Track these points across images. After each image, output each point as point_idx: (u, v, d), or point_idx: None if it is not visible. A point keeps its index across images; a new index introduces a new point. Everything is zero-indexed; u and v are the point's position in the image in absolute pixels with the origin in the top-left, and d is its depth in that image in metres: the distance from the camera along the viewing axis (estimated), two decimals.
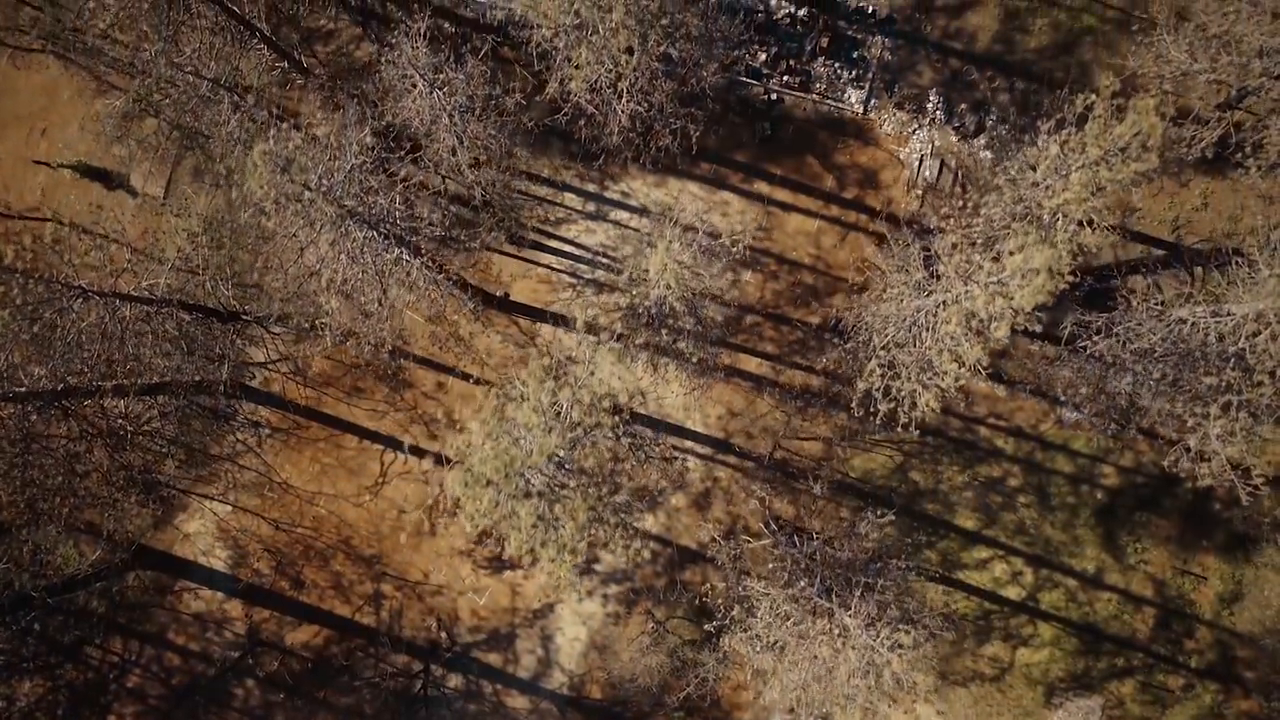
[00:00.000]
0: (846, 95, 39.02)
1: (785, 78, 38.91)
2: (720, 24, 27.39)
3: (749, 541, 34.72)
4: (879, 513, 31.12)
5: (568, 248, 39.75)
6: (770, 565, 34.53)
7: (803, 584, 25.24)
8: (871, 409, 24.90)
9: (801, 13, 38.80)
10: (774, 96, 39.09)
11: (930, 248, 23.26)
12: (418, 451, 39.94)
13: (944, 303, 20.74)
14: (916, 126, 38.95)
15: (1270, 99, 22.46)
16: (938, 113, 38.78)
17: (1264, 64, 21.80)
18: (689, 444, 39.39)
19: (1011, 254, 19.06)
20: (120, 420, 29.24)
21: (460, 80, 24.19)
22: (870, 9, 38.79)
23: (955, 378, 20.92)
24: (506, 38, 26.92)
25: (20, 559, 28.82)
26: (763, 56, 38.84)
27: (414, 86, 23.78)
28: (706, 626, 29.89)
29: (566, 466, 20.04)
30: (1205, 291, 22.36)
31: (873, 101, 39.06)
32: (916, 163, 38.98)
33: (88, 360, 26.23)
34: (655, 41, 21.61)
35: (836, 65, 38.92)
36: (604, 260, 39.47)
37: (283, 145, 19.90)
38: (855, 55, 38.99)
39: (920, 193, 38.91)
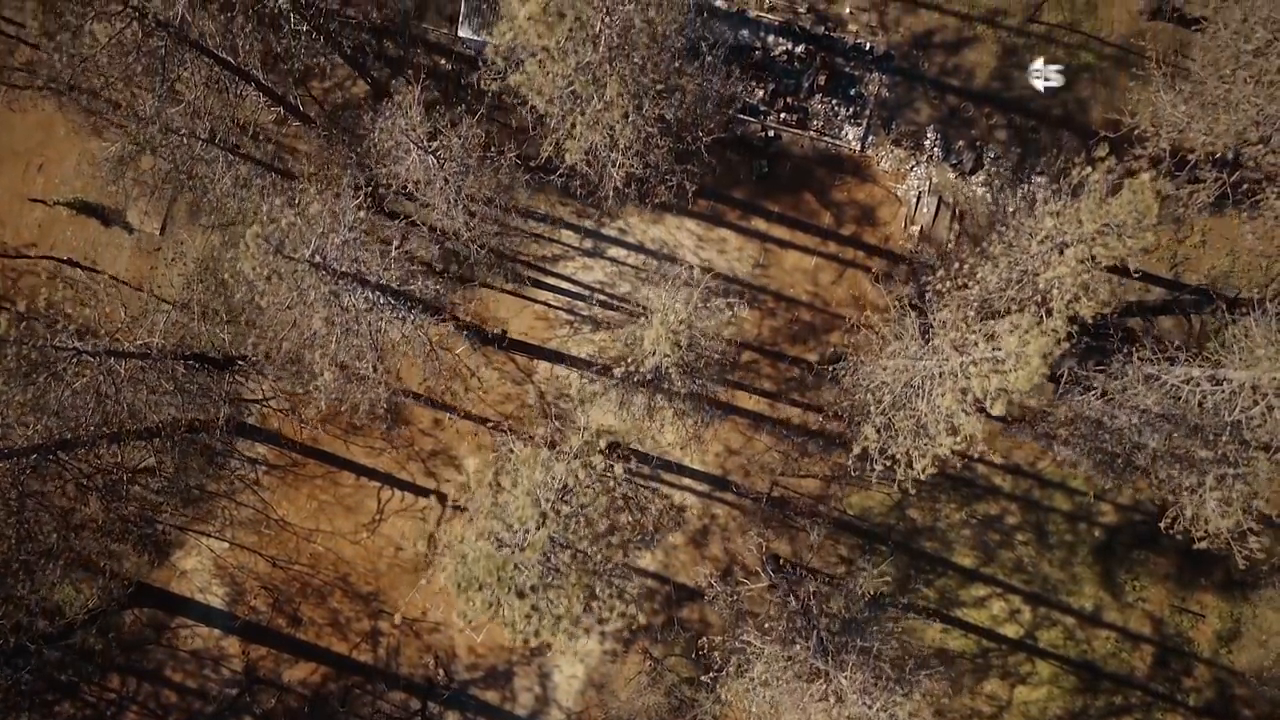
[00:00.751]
0: (844, 132, 38.92)
1: (783, 115, 38.80)
2: (715, 83, 27.25)
3: (746, 584, 34.66)
4: (876, 566, 31.03)
5: (565, 284, 39.66)
6: (768, 608, 34.55)
7: (799, 645, 25.17)
8: (869, 465, 24.86)
9: (799, 50, 38.70)
10: (771, 133, 38.99)
11: (926, 313, 23.17)
12: (415, 488, 39.93)
13: (939, 374, 20.68)
14: (914, 163, 38.85)
15: (1266, 163, 22.38)
16: (935, 150, 38.68)
17: (1260, 132, 21.72)
18: (686, 481, 39.34)
19: (1009, 332, 18.98)
20: (115, 469, 29.15)
21: (455, 143, 24.10)
22: (868, 46, 38.67)
23: (951, 446, 20.86)
24: (500, 106, 26.80)
25: (19, 615, 28.69)
26: (760, 93, 38.73)
27: (408, 152, 23.72)
28: (703, 677, 29.81)
29: (560, 543, 19.94)
30: (1203, 357, 22.26)
31: (870, 138, 38.96)
32: (914, 200, 38.90)
33: (83, 416, 26.16)
34: (650, 107, 21.52)
35: (834, 102, 38.81)
36: (601, 297, 39.40)
37: (274, 225, 19.79)
38: (853, 92, 38.88)
39: (918, 229, 38.84)
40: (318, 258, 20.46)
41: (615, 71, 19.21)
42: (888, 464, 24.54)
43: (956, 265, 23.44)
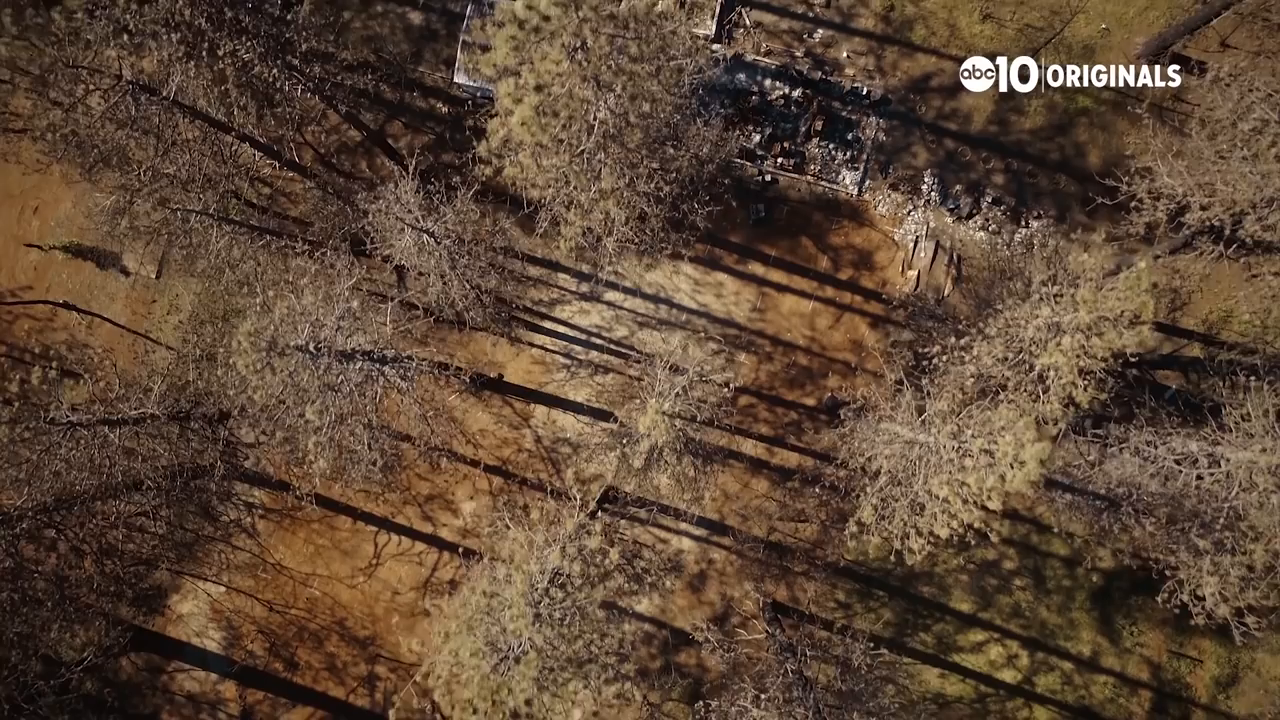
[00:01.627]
0: (841, 176, 38.86)
1: (780, 159, 38.75)
2: (707, 147, 27.18)
3: (742, 633, 34.59)
4: (874, 647, 31.12)
5: (561, 328, 39.60)
6: (765, 656, 34.47)
7: (797, 716, 25.11)
8: (865, 535, 24.84)
9: (796, 94, 38.64)
10: (768, 178, 38.94)
11: (922, 387, 23.11)
12: (412, 533, 39.86)
13: (935, 462, 20.63)
14: (911, 207, 38.79)
15: (1264, 236, 22.31)
16: (932, 194, 38.63)
17: (1258, 213, 21.64)
18: (683, 525, 39.27)
19: (1004, 429, 18.93)
20: (111, 525, 29.06)
21: (450, 218, 24.03)
22: (865, 90, 38.61)
23: (948, 532, 20.83)
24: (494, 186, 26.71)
25: (13, 685, 28.58)
26: (757, 138, 38.68)
27: (403, 233, 23.63)
28: None
29: (554, 643, 19.81)
30: (1199, 435, 22.20)
31: (867, 182, 38.90)
32: (911, 244, 38.84)
33: (78, 481, 26.09)
34: (645, 184, 21.43)
35: (831, 146, 38.76)
36: (599, 341, 39.35)
37: (269, 318, 19.72)
38: (850, 136, 38.82)
39: (915, 274, 38.78)
40: (312, 346, 20.40)
41: (610, 158, 19.18)
42: (884, 538, 24.51)
43: (953, 340, 23.37)
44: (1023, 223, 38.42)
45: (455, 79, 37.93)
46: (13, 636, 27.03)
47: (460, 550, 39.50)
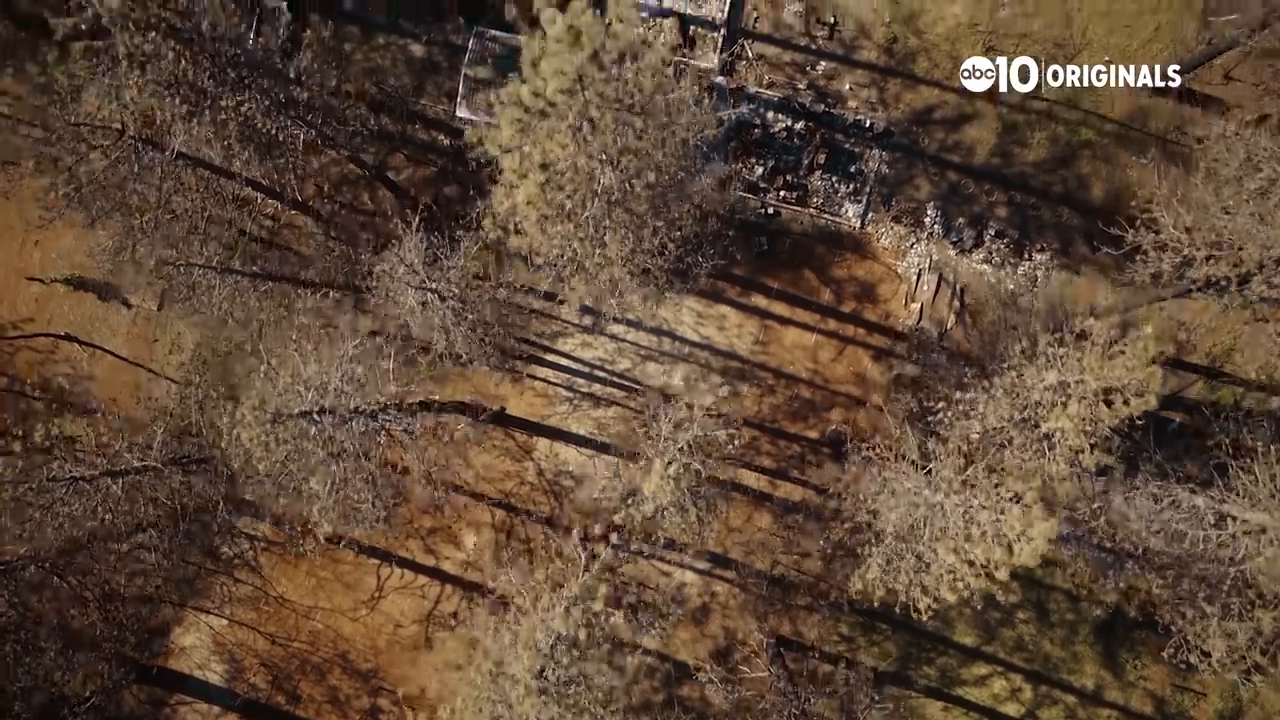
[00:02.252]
0: (844, 209, 38.78)
1: (782, 192, 38.67)
2: (711, 200, 27.11)
3: (746, 671, 34.56)
4: (876, 699, 31.11)
5: (564, 361, 39.54)
6: (768, 693, 34.45)
7: None
8: (870, 594, 24.82)
9: (799, 126, 38.56)
10: (771, 210, 38.86)
11: (927, 448, 23.05)
12: (414, 566, 39.82)
13: (943, 523, 20.59)
14: (914, 240, 38.72)
15: (1270, 293, 22.25)
16: (936, 226, 38.55)
17: (1265, 275, 21.58)
18: (686, 559, 39.21)
19: (1012, 502, 18.90)
20: (112, 572, 29.03)
21: (455, 272, 24.01)
22: (868, 122, 38.52)
23: (955, 597, 20.80)
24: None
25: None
26: (759, 170, 38.60)
27: (407, 295, 23.59)
28: None
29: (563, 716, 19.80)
30: (1206, 493, 22.16)
31: (870, 215, 38.83)
32: (915, 276, 38.77)
33: (80, 531, 26.05)
34: (650, 240, 21.39)
35: (834, 179, 38.67)
36: (601, 374, 39.29)
37: (272, 388, 19.70)
38: (853, 169, 38.73)
39: (918, 306, 38.71)
40: (316, 413, 20.39)
41: (615, 223, 19.13)
42: (886, 593, 24.48)
43: (958, 394, 23.32)
44: (1026, 255, 38.35)
45: (457, 112, 37.85)
46: (16, 690, 27.02)
47: (463, 585, 39.45)
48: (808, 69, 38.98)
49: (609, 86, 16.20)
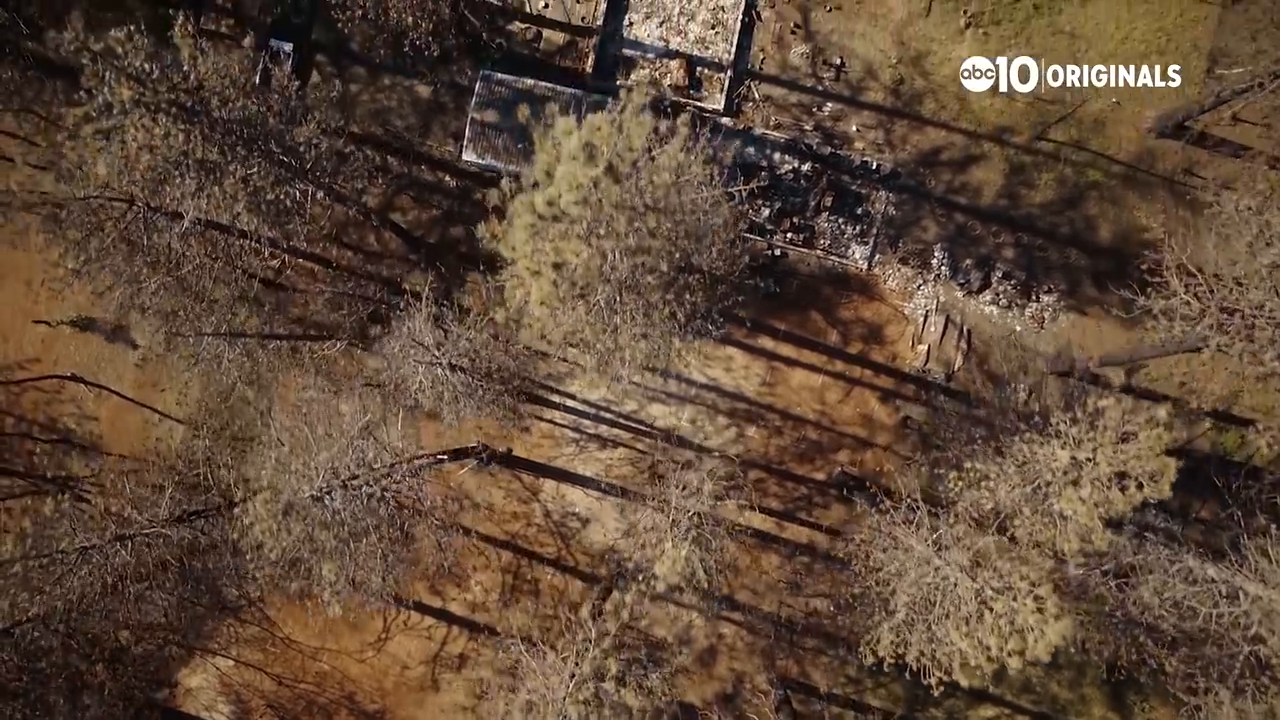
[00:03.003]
0: (851, 250, 38.71)
1: (789, 233, 38.61)
2: (721, 264, 27.05)
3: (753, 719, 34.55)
4: None
5: (571, 402, 39.49)
6: None
7: None
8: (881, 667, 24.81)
9: (805, 168, 38.49)
10: (778, 252, 38.80)
11: (938, 516, 23.00)
12: (421, 607, 39.81)
13: (954, 600, 20.53)
14: (921, 282, 38.65)
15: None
16: (942, 268, 38.48)
17: (1276, 350, 21.49)
18: (694, 599, 39.17)
19: (1026, 595, 18.83)
20: (120, 628, 29.02)
21: (465, 342, 23.95)
22: (874, 164, 38.44)
23: (967, 682, 20.76)
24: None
25: None
26: (766, 212, 38.52)
27: (417, 370, 23.56)
28: None
29: None
30: (1218, 565, 22.10)
31: (877, 257, 38.76)
32: (921, 318, 38.71)
33: (87, 594, 26.06)
34: (660, 314, 21.34)
35: (840, 220, 38.60)
36: (607, 415, 39.24)
37: (283, 475, 19.68)
38: (859, 210, 38.66)
39: (925, 348, 38.65)
40: (326, 499, 20.42)
41: (627, 309, 19.09)
42: (897, 660, 24.48)
43: (968, 464, 23.24)
44: (1033, 297, 38.29)
45: (464, 155, 37.78)
46: None
47: (469, 626, 39.41)
48: (814, 110, 38.90)
49: (624, 194, 16.13)
